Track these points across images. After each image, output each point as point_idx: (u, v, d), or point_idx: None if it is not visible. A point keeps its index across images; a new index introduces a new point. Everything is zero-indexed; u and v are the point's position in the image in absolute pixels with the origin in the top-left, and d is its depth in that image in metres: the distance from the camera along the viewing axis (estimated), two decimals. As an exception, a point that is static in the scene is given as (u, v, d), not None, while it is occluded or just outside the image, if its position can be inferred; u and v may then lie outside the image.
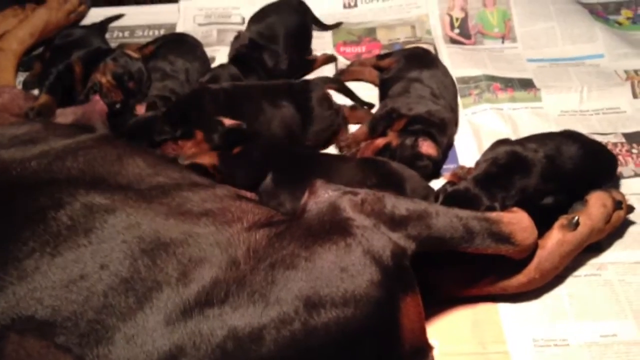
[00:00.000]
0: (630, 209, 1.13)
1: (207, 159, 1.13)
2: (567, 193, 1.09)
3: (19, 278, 0.75)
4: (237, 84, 1.39)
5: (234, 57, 1.50)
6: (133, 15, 1.77)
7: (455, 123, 1.38)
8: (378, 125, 1.32)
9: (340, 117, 1.38)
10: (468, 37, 1.68)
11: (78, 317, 0.72)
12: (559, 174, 1.10)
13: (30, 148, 0.97)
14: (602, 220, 1.07)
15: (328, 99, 1.38)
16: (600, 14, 1.71)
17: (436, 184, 1.22)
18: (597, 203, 1.07)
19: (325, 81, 1.44)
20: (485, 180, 1.09)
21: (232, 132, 1.18)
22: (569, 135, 1.16)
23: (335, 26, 1.72)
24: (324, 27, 1.70)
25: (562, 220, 1.04)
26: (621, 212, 1.10)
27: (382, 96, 1.45)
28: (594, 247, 1.09)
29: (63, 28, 1.60)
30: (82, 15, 1.71)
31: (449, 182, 1.16)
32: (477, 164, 1.16)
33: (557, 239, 1.03)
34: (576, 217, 1.04)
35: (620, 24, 1.70)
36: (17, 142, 0.99)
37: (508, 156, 1.11)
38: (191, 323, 0.72)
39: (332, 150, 1.35)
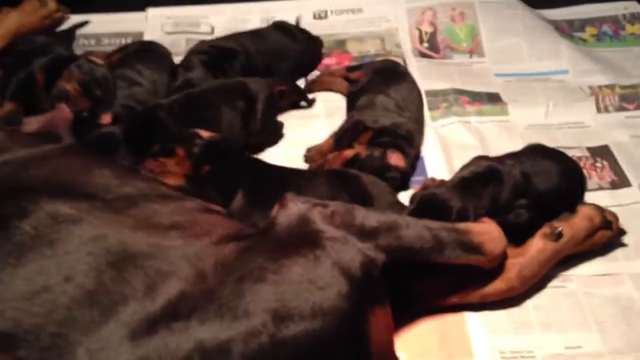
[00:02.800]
0: (621, 232, 1.16)
1: (173, 181, 1.12)
2: (539, 210, 1.11)
3: None
4: (189, 92, 1.38)
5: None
6: (99, 23, 1.74)
7: (421, 135, 1.40)
8: (344, 137, 1.33)
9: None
10: (437, 51, 1.71)
11: (40, 330, 0.70)
12: (532, 191, 1.12)
13: None
14: (583, 232, 1.09)
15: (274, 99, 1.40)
16: (565, 30, 1.75)
17: (405, 196, 1.23)
18: (584, 215, 1.10)
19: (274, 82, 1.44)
20: (459, 186, 1.11)
21: (210, 144, 1.17)
22: (548, 155, 1.19)
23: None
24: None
25: (545, 228, 1.07)
26: (607, 232, 1.12)
27: (350, 109, 1.45)
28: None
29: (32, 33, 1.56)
30: (59, 21, 1.68)
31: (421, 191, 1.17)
32: (455, 175, 1.18)
33: (538, 247, 1.05)
34: (559, 228, 1.06)
35: (585, 40, 1.74)
36: None
37: (484, 168, 1.14)
38: (157, 337, 0.70)
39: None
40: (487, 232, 1.01)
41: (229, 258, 0.81)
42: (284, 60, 1.57)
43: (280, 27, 1.63)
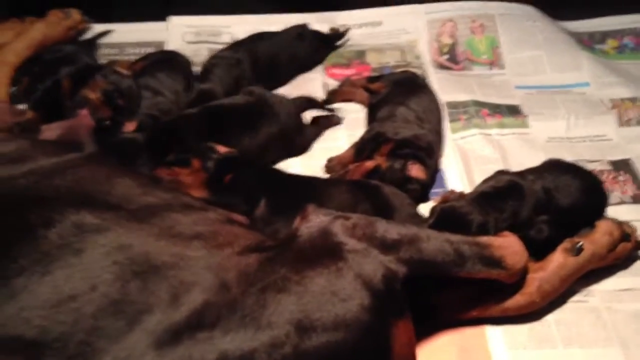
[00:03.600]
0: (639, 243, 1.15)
1: (196, 193, 1.12)
2: (560, 226, 1.11)
3: (8, 297, 0.73)
4: (213, 105, 1.39)
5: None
6: (122, 33, 1.76)
7: (440, 147, 1.40)
8: (364, 148, 1.33)
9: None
10: (456, 63, 1.71)
11: (67, 338, 0.71)
12: (554, 207, 1.12)
13: (19, 166, 0.95)
14: (605, 247, 1.09)
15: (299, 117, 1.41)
16: (586, 42, 1.74)
17: (425, 208, 1.23)
18: (603, 230, 1.09)
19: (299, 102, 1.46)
20: (479, 200, 1.11)
21: (226, 159, 1.18)
22: (569, 170, 1.18)
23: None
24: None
25: (566, 243, 1.06)
26: (628, 244, 1.12)
27: (370, 120, 1.46)
28: (581, 273, 1.10)
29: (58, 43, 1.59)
30: (82, 32, 1.69)
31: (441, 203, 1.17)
32: (475, 188, 1.18)
33: (559, 262, 1.05)
34: (580, 243, 1.06)
35: (606, 53, 1.73)
36: (4, 160, 0.97)
37: (505, 183, 1.13)
38: (181, 347, 0.71)
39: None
40: (509, 246, 1.00)
41: (252, 269, 0.81)
42: (292, 63, 1.62)
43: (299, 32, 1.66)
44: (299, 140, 1.41)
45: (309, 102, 1.49)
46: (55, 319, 0.72)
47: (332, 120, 1.49)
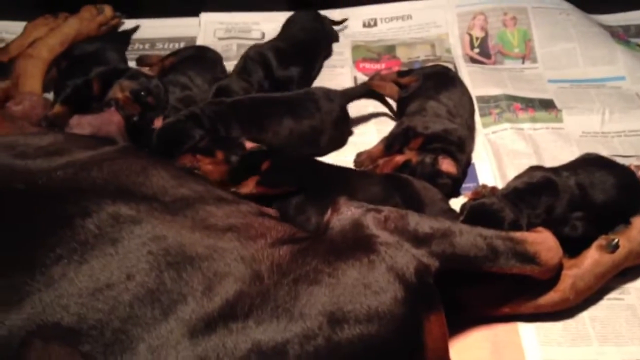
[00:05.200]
0: None
1: (249, 189, 1.14)
2: (594, 223, 1.09)
3: (46, 284, 0.75)
4: (257, 96, 1.40)
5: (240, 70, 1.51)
6: (154, 28, 1.78)
7: (472, 141, 1.38)
8: (394, 143, 1.32)
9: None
10: (488, 56, 1.69)
11: (104, 325, 0.72)
12: (588, 203, 1.10)
13: (56, 159, 0.97)
14: None
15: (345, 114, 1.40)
16: (621, 36, 1.71)
17: (456, 203, 1.22)
18: (639, 227, 1.07)
19: (349, 95, 1.44)
20: (512, 195, 1.09)
21: (251, 154, 1.19)
22: (604, 166, 1.16)
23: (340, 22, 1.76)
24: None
25: (601, 240, 1.04)
26: None
27: (400, 114, 1.45)
28: (618, 270, 1.08)
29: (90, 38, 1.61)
30: (115, 28, 1.72)
31: (472, 199, 1.15)
32: (507, 184, 1.16)
33: (593, 259, 1.03)
34: (616, 240, 1.03)
35: (641, 46, 1.70)
36: (42, 153, 0.99)
37: (539, 179, 1.12)
38: (215, 336, 0.71)
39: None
40: (543, 241, 0.99)
41: (284, 260, 0.82)
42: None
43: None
44: (339, 133, 1.40)
45: (364, 91, 1.47)
46: (92, 306, 0.73)
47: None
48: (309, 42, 1.61)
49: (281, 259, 0.82)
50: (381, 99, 1.47)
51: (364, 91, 1.46)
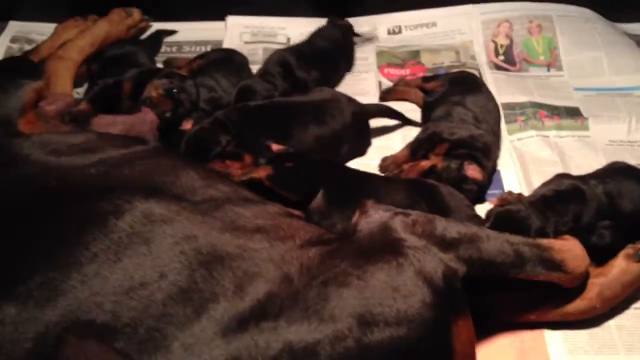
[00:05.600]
0: None
1: (262, 172, 1.14)
2: (622, 232, 1.09)
3: (81, 282, 0.76)
4: (281, 100, 1.42)
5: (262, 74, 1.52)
6: (181, 31, 1.80)
7: (498, 147, 1.38)
8: (420, 148, 1.33)
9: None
10: (513, 63, 1.69)
11: (137, 323, 0.73)
12: (616, 212, 1.10)
13: (89, 156, 0.99)
14: None
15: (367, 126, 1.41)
16: (647, 45, 1.70)
17: (481, 209, 1.22)
18: None
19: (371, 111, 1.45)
20: (540, 203, 1.09)
21: (278, 156, 1.20)
22: (632, 175, 1.16)
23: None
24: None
25: (629, 249, 1.04)
26: None
27: (425, 119, 1.45)
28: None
29: (120, 41, 1.63)
30: (142, 31, 1.74)
31: (498, 206, 1.15)
32: (534, 192, 1.16)
33: (620, 267, 1.02)
34: None
35: (667, 56, 1.68)
36: (75, 150, 1.00)
37: (567, 186, 1.12)
38: (247, 335, 0.72)
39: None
40: (570, 249, 0.98)
41: (313, 262, 0.82)
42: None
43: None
44: (360, 142, 1.41)
45: (385, 111, 1.47)
46: (126, 304, 0.74)
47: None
48: (330, 50, 1.62)
49: (310, 261, 0.82)
50: (402, 118, 1.47)
51: (386, 111, 1.46)
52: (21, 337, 0.72)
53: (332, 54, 1.63)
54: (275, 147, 1.22)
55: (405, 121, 1.47)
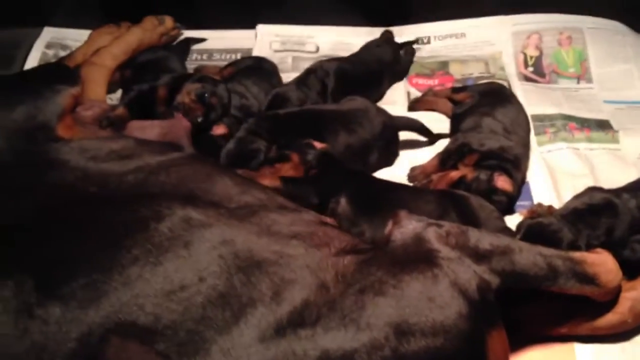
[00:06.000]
0: None
1: (269, 182, 1.15)
2: None
3: (123, 284, 0.77)
4: (312, 108, 1.43)
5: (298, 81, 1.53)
6: (211, 39, 1.82)
7: (527, 159, 1.38)
8: (449, 159, 1.33)
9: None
10: (542, 75, 1.68)
11: (178, 326, 0.74)
12: None
13: (127, 162, 1.01)
14: None
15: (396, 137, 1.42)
16: (677, 59, 1.69)
17: (510, 220, 1.22)
18: None
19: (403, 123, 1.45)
20: (572, 216, 1.09)
21: (322, 154, 1.21)
22: None
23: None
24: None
25: None
26: None
27: (454, 130, 1.45)
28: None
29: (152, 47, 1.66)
30: (174, 38, 1.76)
31: (528, 218, 1.15)
32: (565, 205, 1.16)
33: None
34: None
35: (697, 69, 1.67)
36: (114, 156, 1.02)
37: (600, 200, 1.12)
38: (285, 342, 0.73)
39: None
40: (602, 263, 0.98)
41: (349, 270, 0.83)
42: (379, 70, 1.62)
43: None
44: (389, 152, 1.41)
45: (414, 125, 1.46)
46: (167, 307, 0.75)
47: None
48: (376, 70, 1.61)
49: (345, 269, 0.83)
50: (430, 135, 1.46)
51: (415, 126, 1.46)
52: (65, 337, 0.73)
53: (378, 72, 1.61)
54: (318, 144, 1.23)
55: (434, 138, 1.46)
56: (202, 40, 1.81)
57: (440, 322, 0.76)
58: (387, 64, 1.63)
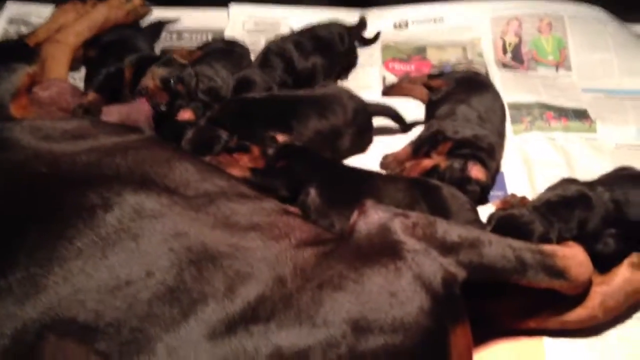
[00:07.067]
0: None
1: (237, 172, 1.11)
2: (628, 240, 1.06)
3: (64, 278, 0.73)
4: (281, 94, 1.39)
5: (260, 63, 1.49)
6: (182, 18, 1.76)
7: (502, 148, 1.35)
8: (422, 146, 1.30)
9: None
10: (521, 62, 1.64)
11: (121, 323, 0.70)
12: (623, 220, 1.07)
13: (81, 143, 0.96)
14: None
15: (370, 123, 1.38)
16: (660, 48, 1.66)
17: (483, 211, 1.19)
18: None
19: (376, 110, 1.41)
20: (544, 208, 1.06)
21: (285, 147, 1.18)
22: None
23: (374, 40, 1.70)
24: (365, 42, 1.69)
25: (633, 257, 1.01)
26: None
27: (428, 117, 1.42)
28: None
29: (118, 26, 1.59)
30: (142, 16, 1.69)
31: (501, 209, 1.12)
32: (539, 196, 1.13)
33: (624, 276, 1.00)
34: None
35: (680, 59, 1.64)
36: (67, 137, 0.97)
37: (573, 192, 1.09)
38: (235, 339, 0.69)
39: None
40: (573, 256, 0.95)
41: (308, 263, 0.80)
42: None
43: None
44: (361, 139, 1.37)
45: (387, 112, 1.42)
46: (109, 303, 0.71)
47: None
48: (328, 40, 1.56)
49: (305, 262, 0.80)
50: (403, 123, 1.43)
51: (389, 112, 1.42)
52: None
53: (332, 44, 1.56)
54: (280, 137, 1.19)
55: (406, 127, 1.43)
56: (174, 21, 1.75)
57: (400, 318, 0.73)
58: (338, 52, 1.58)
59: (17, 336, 0.69)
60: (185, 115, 1.30)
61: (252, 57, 1.57)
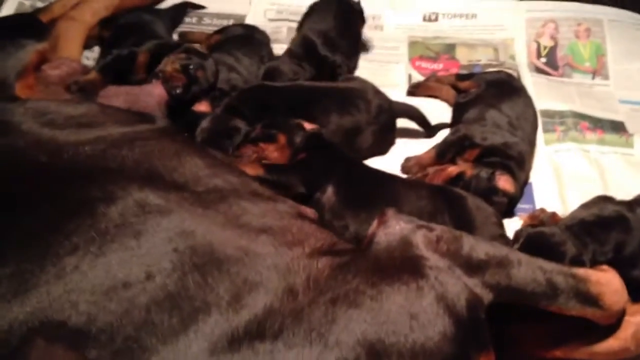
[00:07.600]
0: None
1: (252, 170, 1.05)
2: None
3: (56, 276, 0.67)
4: (305, 84, 1.33)
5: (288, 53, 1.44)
6: (202, 2, 1.70)
7: (532, 158, 1.28)
8: (448, 151, 1.24)
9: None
10: (555, 67, 1.57)
11: (114, 330, 0.64)
12: None
13: (86, 132, 0.90)
14: None
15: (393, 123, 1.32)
16: None
17: (509, 224, 1.12)
18: None
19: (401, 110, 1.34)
20: (578, 228, 1.00)
21: (312, 136, 1.11)
22: None
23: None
24: None
25: None
26: None
27: (455, 120, 1.35)
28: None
29: (137, 8, 1.54)
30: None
31: (529, 225, 1.05)
32: (572, 214, 1.06)
33: None
34: None
35: None
36: (73, 124, 0.92)
37: (611, 212, 1.02)
38: (238, 356, 0.63)
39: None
40: (608, 282, 0.88)
41: (323, 275, 0.74)
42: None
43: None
44: (383, 139, 1.31)
45: (413, 113, 1.35)
46: (104, 307, 0.66)
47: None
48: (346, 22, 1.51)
49: (319, 273, 0.74)
50: (428, 127, 1.36)
51: (414, 115, 1.35)
52: None
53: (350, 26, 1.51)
54: (308, 126, 1.13)
55: (431, 132, 1.35)
56: (199, 6, 1.69)
57: (421, 344, 0.67)
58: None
59: (1, 338, 0.64)
60: (202, 107, 1.24)
61: (272, 46, 1.51)
